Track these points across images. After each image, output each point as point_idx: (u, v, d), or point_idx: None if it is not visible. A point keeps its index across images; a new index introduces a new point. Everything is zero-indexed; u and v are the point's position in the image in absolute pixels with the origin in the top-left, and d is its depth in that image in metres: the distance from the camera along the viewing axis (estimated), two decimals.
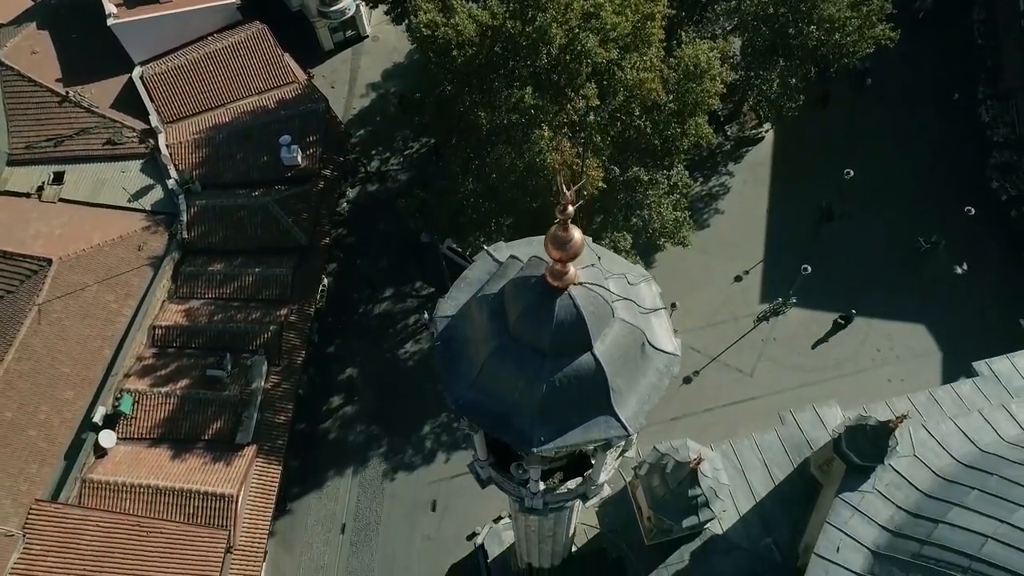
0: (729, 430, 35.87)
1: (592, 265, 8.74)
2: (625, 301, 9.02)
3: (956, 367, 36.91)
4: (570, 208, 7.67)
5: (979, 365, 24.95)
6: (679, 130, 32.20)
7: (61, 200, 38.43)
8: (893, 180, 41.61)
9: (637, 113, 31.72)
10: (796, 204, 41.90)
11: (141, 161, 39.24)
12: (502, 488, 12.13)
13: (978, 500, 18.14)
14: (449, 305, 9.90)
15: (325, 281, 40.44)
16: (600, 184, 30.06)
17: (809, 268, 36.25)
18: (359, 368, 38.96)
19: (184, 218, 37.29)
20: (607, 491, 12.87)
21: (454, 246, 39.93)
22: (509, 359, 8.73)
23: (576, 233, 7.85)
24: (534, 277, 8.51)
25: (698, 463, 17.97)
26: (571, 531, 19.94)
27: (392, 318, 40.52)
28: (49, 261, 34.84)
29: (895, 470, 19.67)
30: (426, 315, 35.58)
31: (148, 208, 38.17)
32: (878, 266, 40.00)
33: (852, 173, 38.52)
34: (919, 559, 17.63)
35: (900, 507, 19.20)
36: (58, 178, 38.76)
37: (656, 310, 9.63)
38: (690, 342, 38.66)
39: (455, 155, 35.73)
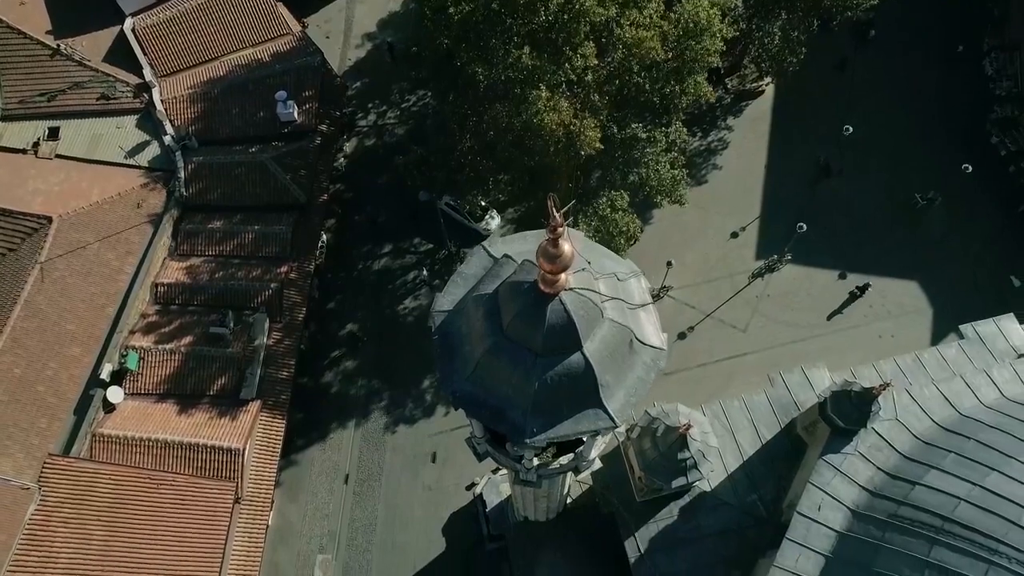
0: (721, 385, 36.86)
1: (583, 269, 9.11)
2: (614, 301, 9.43)
3: (947, 323, 37.67)
4: (560, 229, 7.98)
5: (965, 328, 25.50)
6: (678, 88, 31.99)
7: (58, 156, 38.31)
8: (893, 135, 41.45)
9: (636, 70, 31.45)
10: (795, 160, 41.84)
11: (136, 116, 38.98)
12: (498, 462, 12.79)
13: (955, 463, 18.93)
14: (446, 300, 10.32)
15: (324, 237, 40.66)
16: (597, 145, 30.07)
17: (804, 226, 36.45)
18: (359, 323, 39.57)
19: (182, 175, 37.32)
20: (598, 464, 13.52)
21: (451, 201, 40.09)
22: (504, 357, 9.21)
23: (566, 247, 8.18)
24: (527, 282, 8.90)
25: (687, 429, 18.66)
26: (564, 492, 20.83)
27: (391, 274, 40.93)
28: (49, 219, 35.03)
29: (877, 433, 20.42)
30: (424, 272, 35.96)
31: (145, 165, 38.13)
32: (874, 222, 40.22)
33: (851, 129, 38.33)
34: (895, 519, 18.52)
35: (880, 468, 20.04)
36: (53, 133, 38.56)
37: (644, 305, 10.02)
38: (685, 298, 39.25)
39: (453, 112, 35.52)
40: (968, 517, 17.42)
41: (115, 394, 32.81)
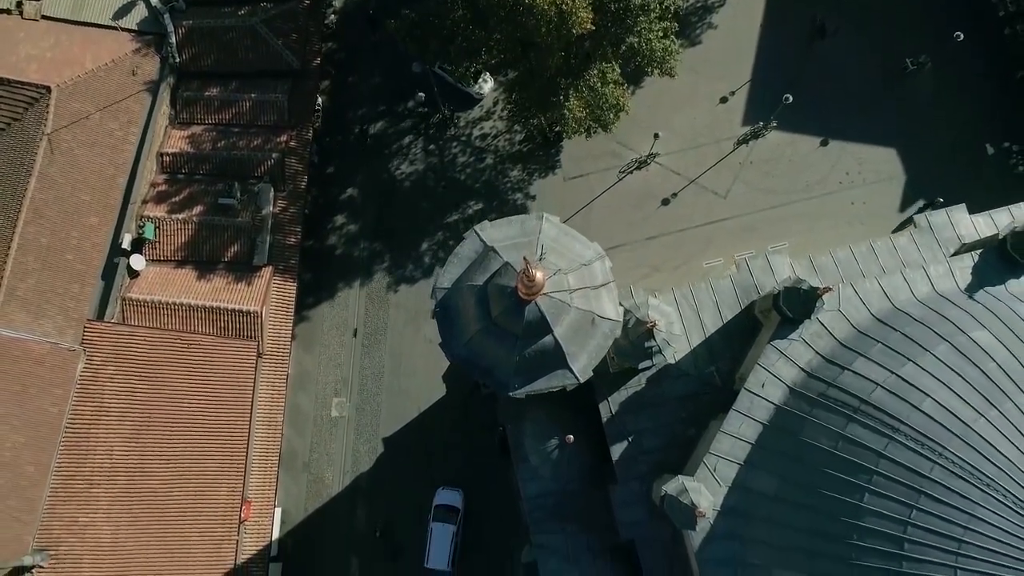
0: (699, 249, 39.67)
1: (554, 274, 11.32)
2: (581, 290, 11.72)
3: (918, 191, 39.82)
4: (531, 276, 10.06)
5: (919, 218, 27.86)
6: None
7: (44, 18, 37.80)
8: None
9: None
10: (790, 20, 41.37)
11: None
12: (491, 387, 15.74)
13: (880, 352, 22.19)
14: (446, 279, 12.62)
15: (320, 100, 41.12)
16: (589, 26, 30.24)
17: (791, 97, 37.14)
18: (359, 188, 41.37)
19: (173, 40, 37.18)
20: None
21: (445, 66, 40.13)
22: (492, 337, 11.69)
23: (539, 276, 10.32)
24: (509, 287, 11.16)
25: (653, 325, 21.53)
26: None
27: (386, 138, 41.97)
28: (48, 88, 35.48)
29: (820, 322, 23.55)
30: (421, 96, 36.48)
31: (134, 28, 37.76)
32: (862, 87, 40.73)
33: None
34: (822, 398, 22.10)
35: (818, 353, 23.39)
36: None
37: (606, 284, 12.35)
38: (671, 164, 40.78)
39: None
40: (881, 400, 20.94)
41: (138, 261, 35.48)
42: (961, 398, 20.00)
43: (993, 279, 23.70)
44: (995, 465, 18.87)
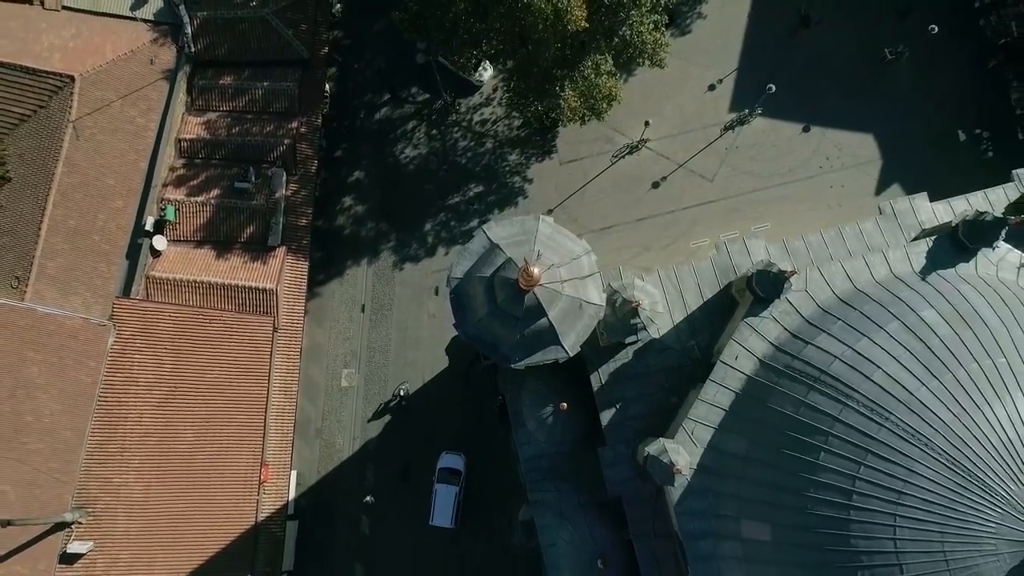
0: (686, 230, 42.15)
1: (549, 268, 13.82)
2: (571, 281, 14.22)
3: (892, 175, 42.26)
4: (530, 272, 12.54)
5: (884, 205, 30.29)
6: None
7: (64, 8, 39.62)
8: None
9: None
10: (777, 10, 43.35)
11: None
12: (491, 358, 18.32)
13: (840, 329, 24.82)
14: (458, 270, 15.14)
15: (327, 87, 43.15)
16: (583, 24, 32.32)
17: (773, 87, 39.35)
18: (365, 171, 43.60)
19: (188, 30, 39.07)
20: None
21: (447, 55, 42.10)
22: (497, 319, 14.19)
23: (536, 271, 12.78)
24: (511, 279, 13.67)
25: (637, 304, 24.07)
26: None
27: (391, 123, 44.10)
28: (72, 78, 37.47)
29: (789, 301, 26.15)
30: (420, 45, 38.05)
31: (151, 18, 39.63)
32: (842, 75, 42.91)
33: None
34: (788, 369, 24.77)
35: (786, 328, 26.01)
36: None
37: (592, 275, 14.88)
38: (661, 149, 43.06)
39: None
40: (838, 371, 23.60)
41: (160, 242, 37.84)
42: (907, 370, 22.66)
43: (945, 263, 26.24)
44: (933, 428, 21.59)
